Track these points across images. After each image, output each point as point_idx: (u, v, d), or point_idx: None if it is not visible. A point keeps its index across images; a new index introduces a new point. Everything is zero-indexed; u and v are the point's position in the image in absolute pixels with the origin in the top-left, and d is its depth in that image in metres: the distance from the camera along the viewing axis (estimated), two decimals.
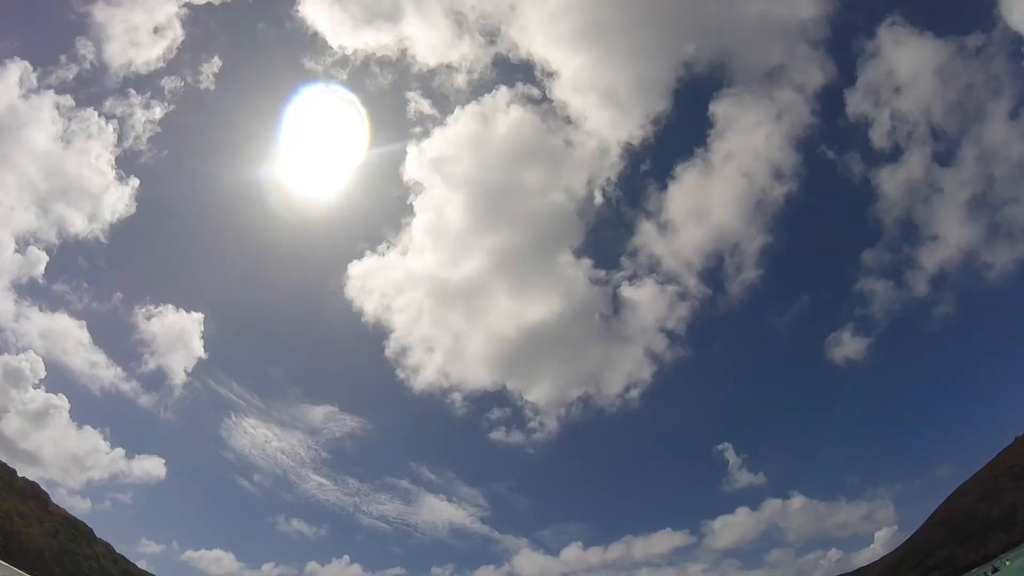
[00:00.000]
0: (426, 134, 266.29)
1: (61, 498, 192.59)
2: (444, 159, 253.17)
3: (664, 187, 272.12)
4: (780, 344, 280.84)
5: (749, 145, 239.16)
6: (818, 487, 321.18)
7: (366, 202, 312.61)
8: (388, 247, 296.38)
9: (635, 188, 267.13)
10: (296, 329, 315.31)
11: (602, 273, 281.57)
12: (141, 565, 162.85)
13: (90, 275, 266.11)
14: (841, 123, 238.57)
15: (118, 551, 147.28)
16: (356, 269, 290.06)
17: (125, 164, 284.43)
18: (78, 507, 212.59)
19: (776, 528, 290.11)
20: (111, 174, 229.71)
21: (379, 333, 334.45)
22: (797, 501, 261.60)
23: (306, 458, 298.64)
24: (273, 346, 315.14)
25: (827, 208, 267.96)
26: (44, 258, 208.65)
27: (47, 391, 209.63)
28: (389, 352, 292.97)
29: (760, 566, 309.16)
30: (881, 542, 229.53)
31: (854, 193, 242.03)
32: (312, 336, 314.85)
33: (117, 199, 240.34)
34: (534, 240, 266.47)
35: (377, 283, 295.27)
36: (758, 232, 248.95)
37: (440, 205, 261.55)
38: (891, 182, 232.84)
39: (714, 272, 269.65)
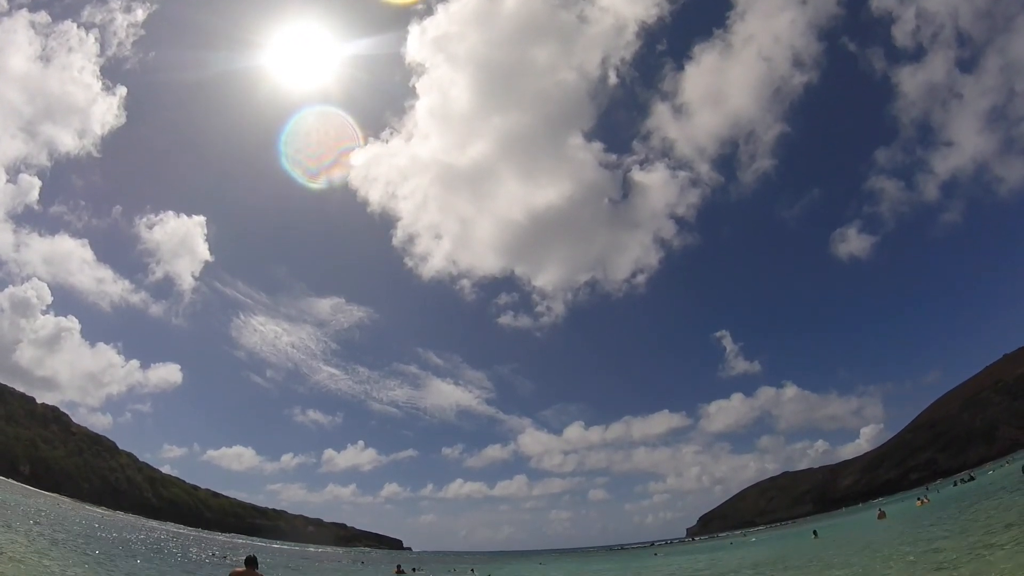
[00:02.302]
0: (428, 11, 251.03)
1: (82, 417, 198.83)
2: (448, 37, 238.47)
3: (681, 68, 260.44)
4: (787, 235, 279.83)
5: (771, 29, 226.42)
6: (811, 379, 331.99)
7: (367, 87, 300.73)
8: (391, 133, 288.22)
9: (650, 68, 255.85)
10: (299, 223, 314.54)
11: (613, 157, 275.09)
12: (165, 470, 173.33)
13: (86, 192, 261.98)
14: (864, 16, 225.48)
15: (142, 460, 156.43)
16: (359, 157, 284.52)
17: (110, 73, 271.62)
18: (99, 423, 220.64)
19: (768, 416, 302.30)
20: (97, 86, 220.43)
21: (385, 222, 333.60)
22: (790, 391, 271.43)
23: (316, 350, 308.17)
24: (277, 242, 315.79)
25: (845, 102, 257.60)
26: (37, 183, 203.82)
27: (56, 315, 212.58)
28: (396, 241, 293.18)
29: (750, 451, 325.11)
30: (866, 438, 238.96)
31: (873, 89, 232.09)
32: (316, 229, 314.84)
33: (105, 111, 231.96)
34: (543, 122, 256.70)
35: (381, 171, 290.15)
36: (774, 121, 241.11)
37: (444, 87, 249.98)
38: (911, 82, 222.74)
39: (727, 159, 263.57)
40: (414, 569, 45.94)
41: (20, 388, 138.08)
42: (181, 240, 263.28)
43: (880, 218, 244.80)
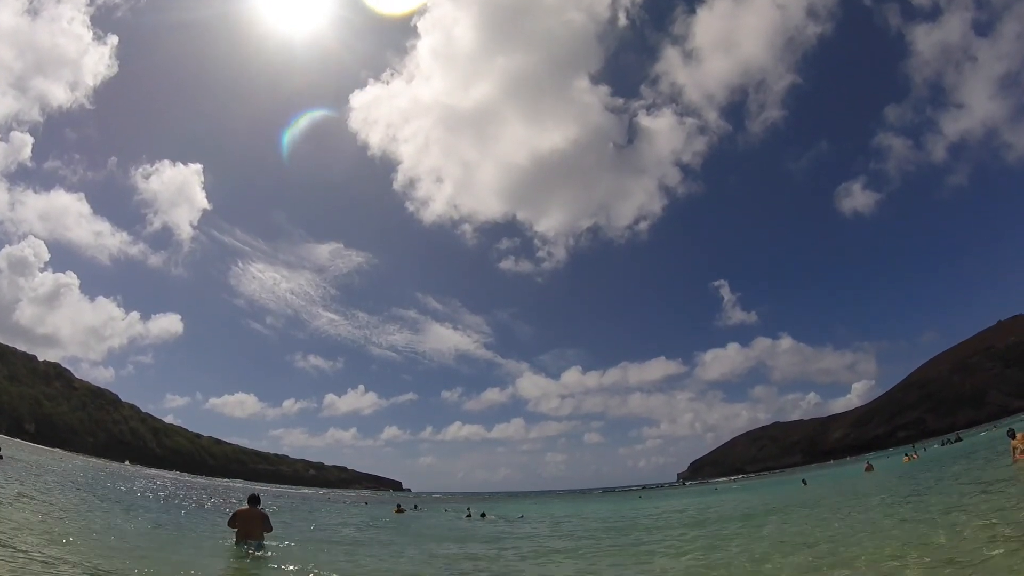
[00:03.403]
0: None
1: (84, 372, 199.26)
2: None
3: (692, 12, 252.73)
4: (792, 188, 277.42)
5: None
6: (807, 332, 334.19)
7: (366, 26, 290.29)
8: (392, 74, 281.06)
9: (661, 11, 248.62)
10: (298, 168, 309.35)
11: (620, 101, 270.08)
12: (168, 420, 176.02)
13: (80, 145, 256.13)
14: None
15: (145, 411, 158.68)
16: (359, 99, 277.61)
17: (101, 22, 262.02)
18: (102, 377, 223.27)
19: (763, 366, 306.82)
20: (87, 36, 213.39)
21: (385, 165, 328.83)
22: (786, 342, 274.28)
23: (315, 296, 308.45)
24: (275, 187, 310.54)
25: (857, 56, 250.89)
26: (29, 140, 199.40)
27: (54, 271, 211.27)
28: (397, 185, 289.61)
29: (743, 400, 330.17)
30: (857, 393, 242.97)
31: (887, 46, 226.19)
32: (314, 174, 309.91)
33: (97, 61, 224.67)
34: (549, 63, 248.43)
35: (382, 113, 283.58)
36: (786, 71, 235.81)
37: (448, 26, 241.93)
38: (926, 41, 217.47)
39: (736, 108, 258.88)
40: (415, 507, 48.90)
41: (21, 347, 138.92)
42: (178, 189, 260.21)
43: (886, 175, 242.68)
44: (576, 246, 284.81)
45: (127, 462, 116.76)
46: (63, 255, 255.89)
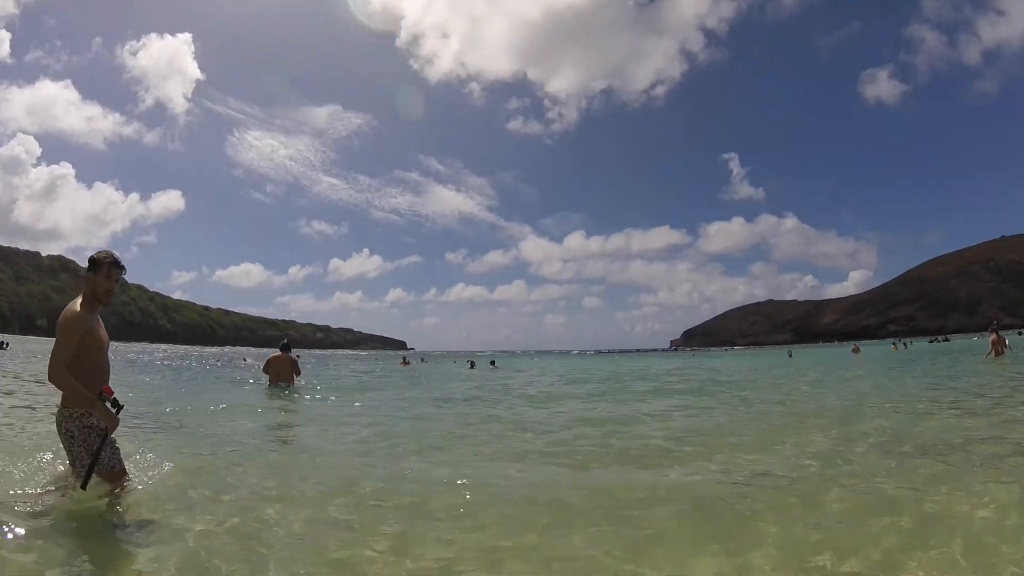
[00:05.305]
0: None
1: None
2: None
3: None
4: (817, 65, 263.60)
5: None
6: (813, 214, 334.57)
7: None
8: None
9: None
10: (291, 27, 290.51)
11: None
12: (176, 296, 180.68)
13: (61, 31, 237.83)
14: None
15: (152, 290, 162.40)
16: None
17: None
18: None
19: (765, 243, 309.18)
20: None
21: (387, 21, 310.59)
22: (790, 222, 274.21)
23: (315, 161, 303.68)
24: (269, 51, 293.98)
25: None
26: (7, 36, 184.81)
27: (48, 165, 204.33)
28: (399, 42, 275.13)
29: (742, 275, 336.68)
30: (854, 281, 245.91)
31: None
32: (309, 33, 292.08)
33: None
34: None
35: None
36: None
37: None
38: None
39: None
40: (422, 360, 54.14)
41: (24, 245, 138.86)
42: (168, 62, 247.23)
43: (915, 68, 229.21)
44: (588, 108, 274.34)
45: (133, 341, 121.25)
46: (55, 146, 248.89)
